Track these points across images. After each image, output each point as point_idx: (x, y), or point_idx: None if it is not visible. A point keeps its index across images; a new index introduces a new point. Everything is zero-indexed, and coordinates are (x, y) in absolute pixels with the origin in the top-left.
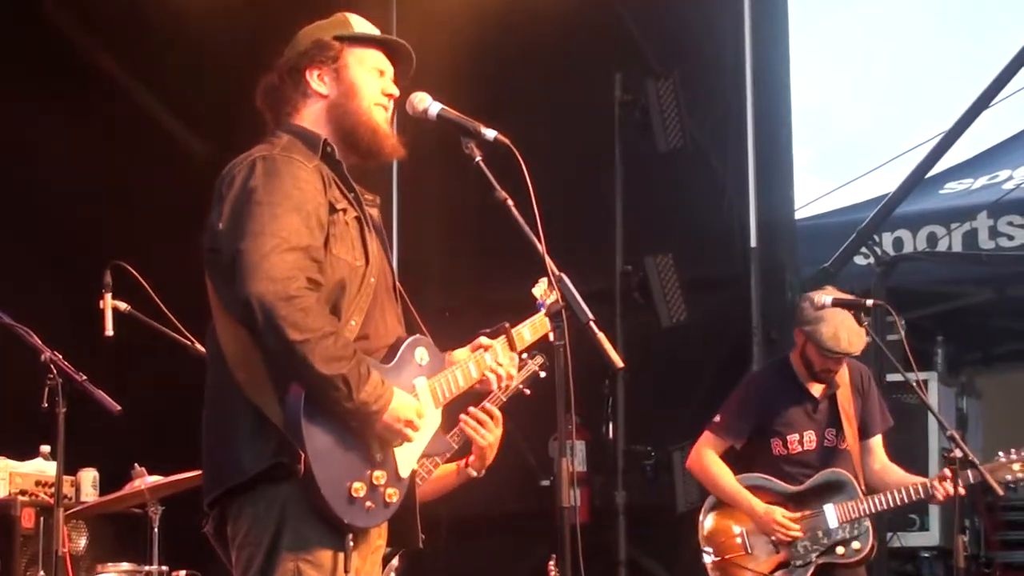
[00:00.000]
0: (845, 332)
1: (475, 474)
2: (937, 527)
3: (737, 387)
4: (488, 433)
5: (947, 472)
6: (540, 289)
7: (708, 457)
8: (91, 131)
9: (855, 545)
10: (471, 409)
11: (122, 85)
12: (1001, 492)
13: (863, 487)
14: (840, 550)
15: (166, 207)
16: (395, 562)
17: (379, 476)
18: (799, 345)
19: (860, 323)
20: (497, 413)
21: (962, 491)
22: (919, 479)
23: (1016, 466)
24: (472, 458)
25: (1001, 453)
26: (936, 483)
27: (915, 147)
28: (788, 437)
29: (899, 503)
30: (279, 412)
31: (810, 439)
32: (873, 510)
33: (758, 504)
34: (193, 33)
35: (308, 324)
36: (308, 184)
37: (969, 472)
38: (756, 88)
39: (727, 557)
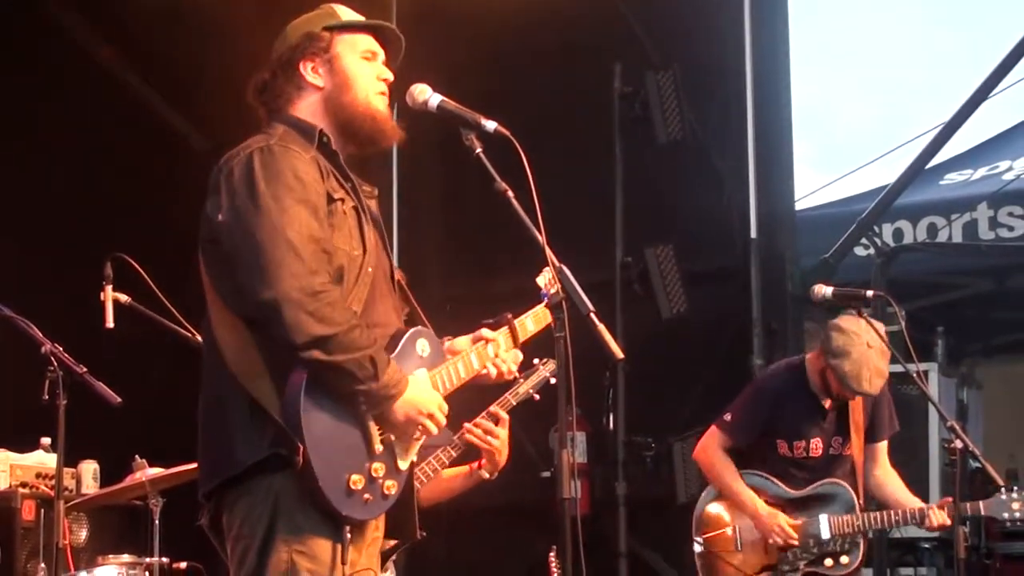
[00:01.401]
0: (868, 372)
1: (487, 476)
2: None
3: (749, 386)
4: (494, 439)
5: (942, 504)
6: (544, 279)
7: (715, 452)
8: (92, 124)
9: (844, 560)
10: (477, 420)
11: (123, 79)
12: (1002, 482)
13: (863, 498)
14: (828, 562)
15: (166, 200)
16: (393, 558)
17: (378, 468)
18: (820, 365)
19: (859, 312)
20: (504, 415)
21: (948, 522)
22: (916, 503)
23: (1016, 505)
24: (484, 460)
25: (1003, 489)
26: (932, 511)
27: (915, 138)
28: (795, 443)
29: (894, 525)
30: (276, 403)
31: (816, 446)
32: (867, 527)
33: (762, 506)
34: (194, 27)
35: (336, 318)
36: (307, 175)
37: (968, 505)
38: (756, 79)
39: (715, 551)
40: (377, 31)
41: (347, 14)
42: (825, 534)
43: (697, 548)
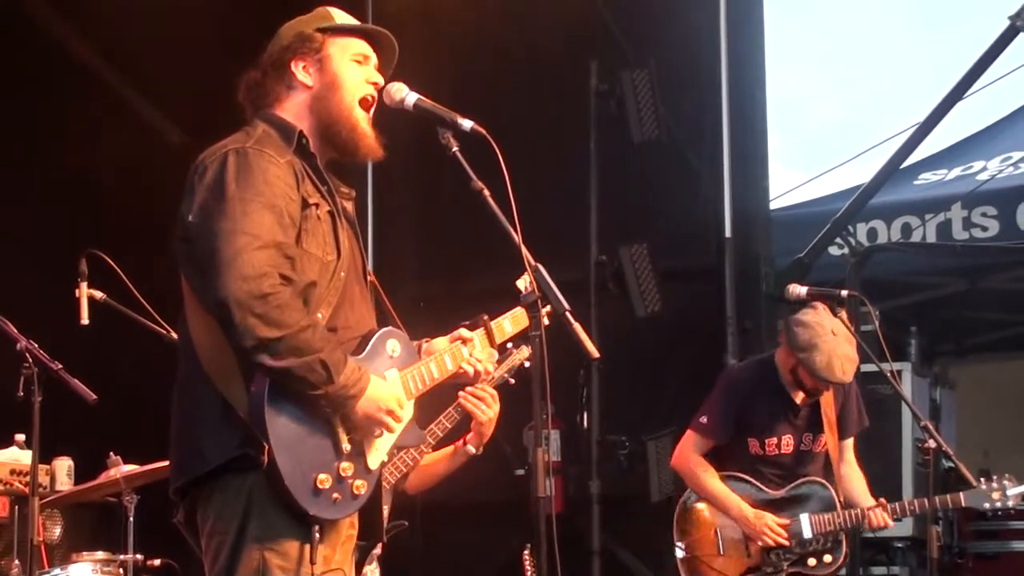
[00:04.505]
0: (839, 360)
1: (474, 451)
2: (911, 517)
3: (719, 384)
4: (488, 408)
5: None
6: (524, 282)
7: (694, 457)
8: (69, 120)
9: (827, 558)
10: (469, 388)
11: (100, 74)
12: (974, 483)
13: (841, 497)
14: (812, 561)
15: (143, 196)
16: (377, 550)
17: (346, 468)
18: (790, 363)
19: (834, 313)
20: (494, 392)
21: (889, 523)
22: (869, 502)
23: (995, 495)
24: (471, 435)
25: (982, 479)
26: (872, 512)
27: (890, 138)
28: (766, 440)
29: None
30: (246, 403)
31: (787, 443)
32: (848, 525)
33: (748, 508)
34: (171, 23)
35: (285, 320)
36: (279, 180)
37: (948, 497)
38: (731, 79)
39: (698, 555)
40: (370, 36)
41: (342, 17)
42: (807, 533)
43: (679, 554)
